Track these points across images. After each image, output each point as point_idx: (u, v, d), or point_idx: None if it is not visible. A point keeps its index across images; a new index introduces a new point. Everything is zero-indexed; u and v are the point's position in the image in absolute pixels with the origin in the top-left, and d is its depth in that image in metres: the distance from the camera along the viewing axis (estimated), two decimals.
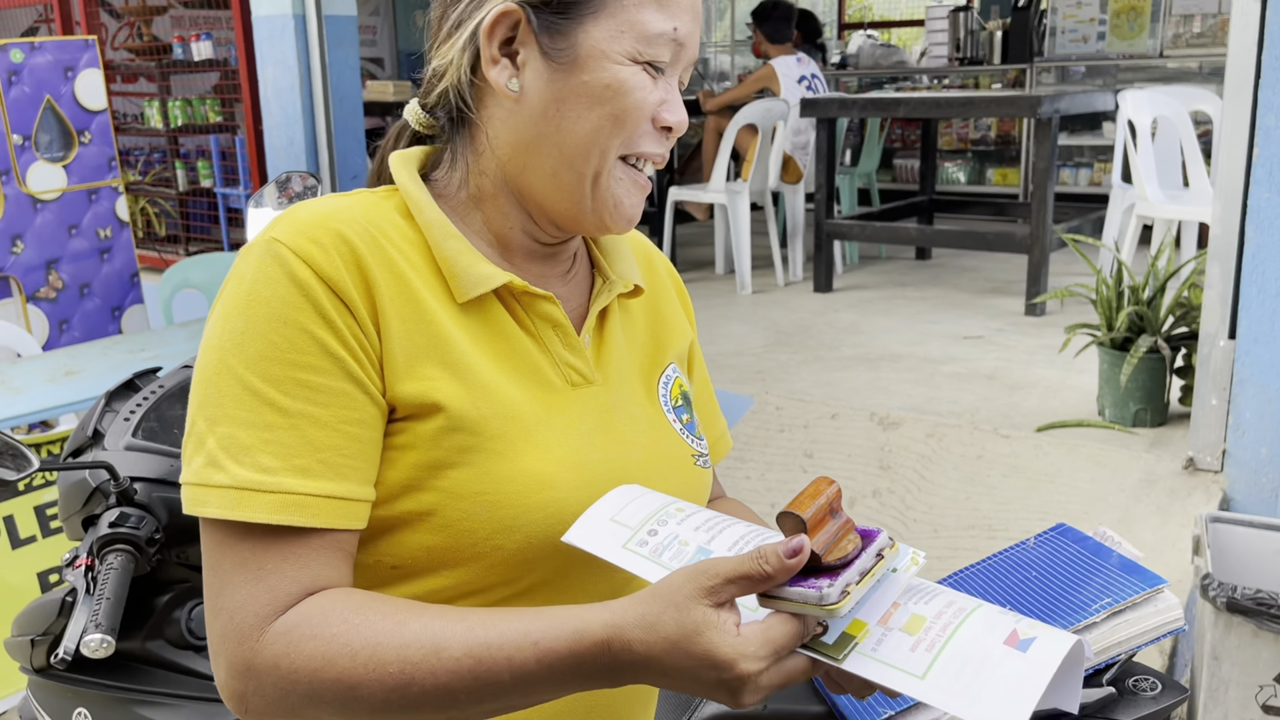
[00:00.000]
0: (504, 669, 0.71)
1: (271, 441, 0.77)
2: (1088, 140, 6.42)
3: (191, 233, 5.61)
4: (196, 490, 0.78)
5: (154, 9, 5.54)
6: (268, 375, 0.77)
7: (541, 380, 0.88)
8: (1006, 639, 0.67)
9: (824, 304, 4.58)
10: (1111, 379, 2.88)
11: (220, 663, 0.77)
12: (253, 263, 0.80)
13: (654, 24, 0.85)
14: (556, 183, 0.87)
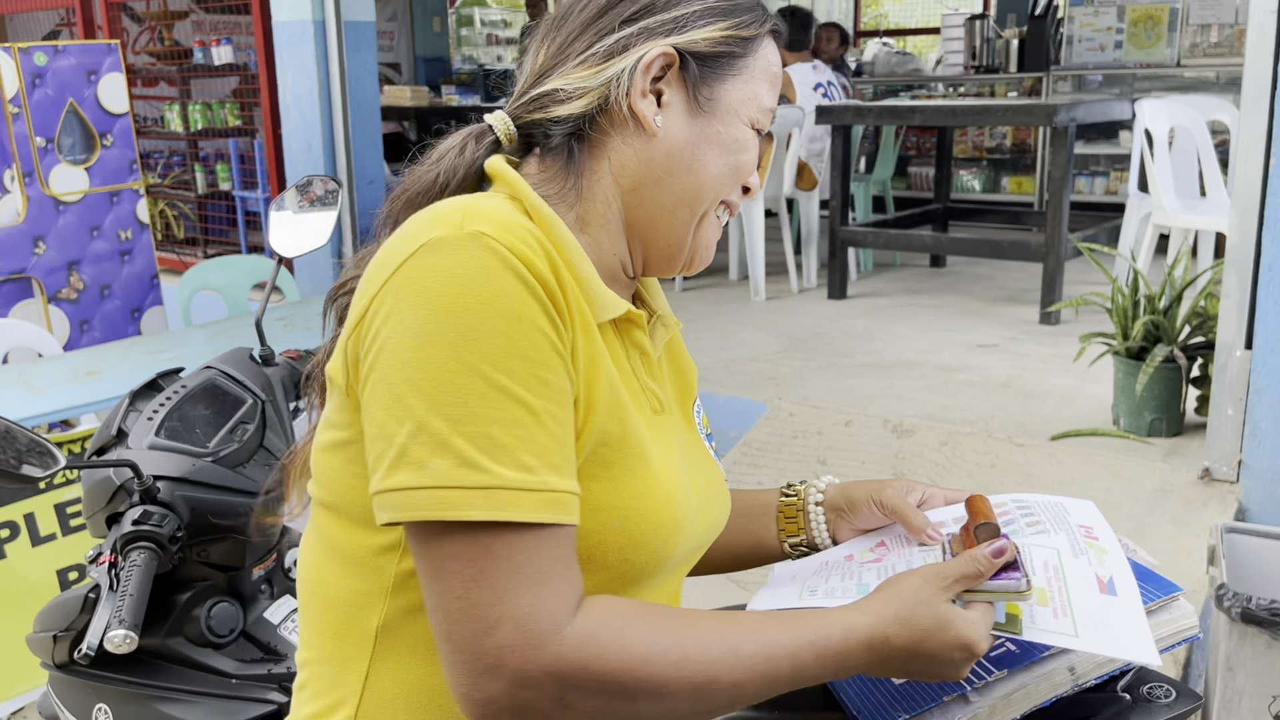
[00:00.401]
0: (786, 666, 0.79)
1: (526, 440, 0.75)
2: (1104, 149, 6.41)
3: (209, 235, 5.65)
4: (448, 493, 0.73)
5: (175, 14, 5.59)
6: (512, 372, 0.75)
7: (641, 405, 0.91)
8: (1102, 589, 0.87)
9: (838, 311, 4.58)
10: (1127, 388, 2.88)
11: (501, 674, 0.73)
12: (464, 256, 0.76)
13: (767, 98, 0.96)
14: (672, 219, 0.93)
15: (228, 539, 1.40)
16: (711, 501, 0.98)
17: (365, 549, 0.86)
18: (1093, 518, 1.06)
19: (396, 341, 0.76)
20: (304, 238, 1.65)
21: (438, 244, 0.77)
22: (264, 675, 1.41)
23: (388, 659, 0.86)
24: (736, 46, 0.93)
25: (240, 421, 1.43)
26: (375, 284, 0.79)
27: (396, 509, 0.75)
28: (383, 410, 0.76)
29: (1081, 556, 0.91)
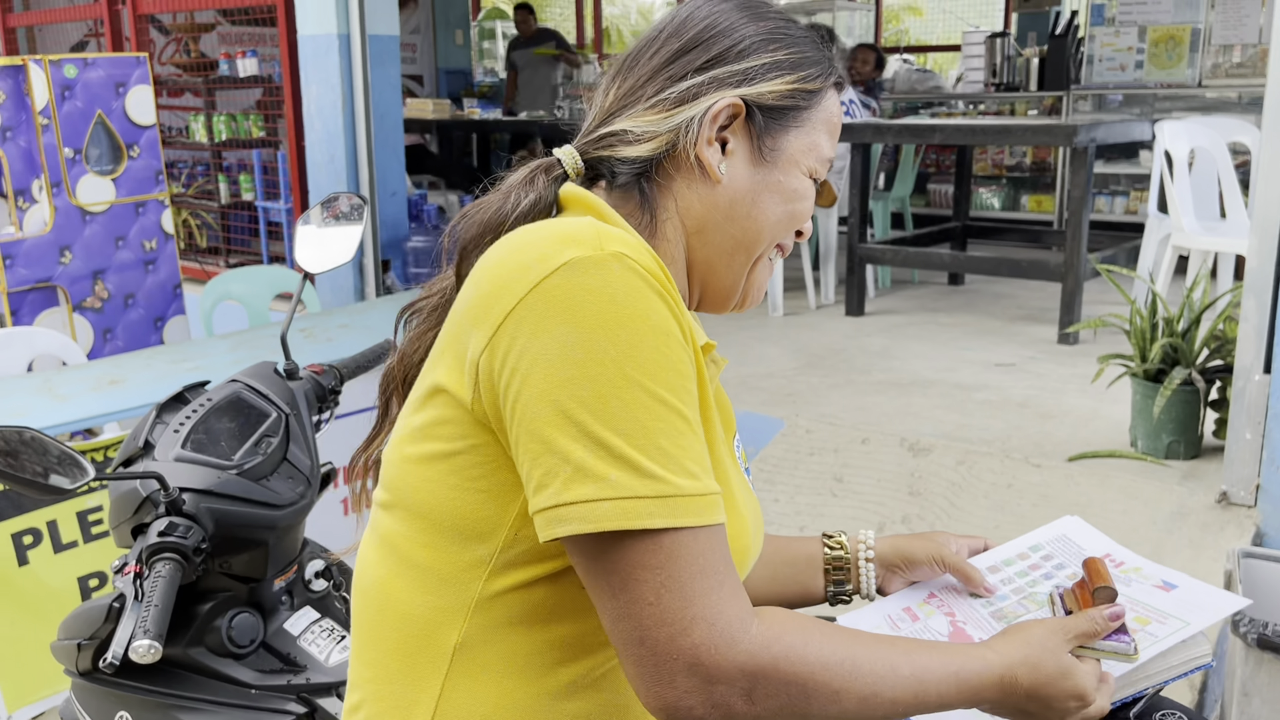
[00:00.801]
0: (934, 691, 0.85)
1: (687, 448, 0.78)
2: (1124, 169, 6.39)
3: (231, 244, 5.71)
4: (631, 504, 0.75)
5: (202, 26, 5.66)
6: (670, 385, 0.78)
7: (716, 434, 0.94)
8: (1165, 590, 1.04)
9: (855, 328, 4.58)
10: (1144, 410, 2.87)
11: (699, 672, 0.76)
12: (611, 276, 0.79)
13: (826, 149, 1.00)
14: (730, 261, 0.98)
15: (250, 551, 1.42)
16: (759, 532, 1.00)
17: (452, 565, 0.86)
18: (1096, 540, 1.12)
19: (551, 359, 0.77)
20: (329, 253, 1.67)
21: (582, 264, 0.79)
22: (283, 686, 1.42)
23: (464, 678, 0.86)
24: (801, 100, 0.97)
25: (265, 435, 1.45)
26: (506, 301, 0.79)
27: (580, 521, 0.76)
28: (550, 427, 0.77)
29: (1133, 585, 1.05)
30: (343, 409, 1.76)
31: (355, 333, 3.03)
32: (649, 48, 0.97)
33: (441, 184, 6.90)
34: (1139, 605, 1.02)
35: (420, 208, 5.01)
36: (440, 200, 5.52)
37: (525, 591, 0.84)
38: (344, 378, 1.66)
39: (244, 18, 5.49)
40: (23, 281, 3.46)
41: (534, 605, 0.84)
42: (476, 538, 0.84)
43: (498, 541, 0.83)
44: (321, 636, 1.49)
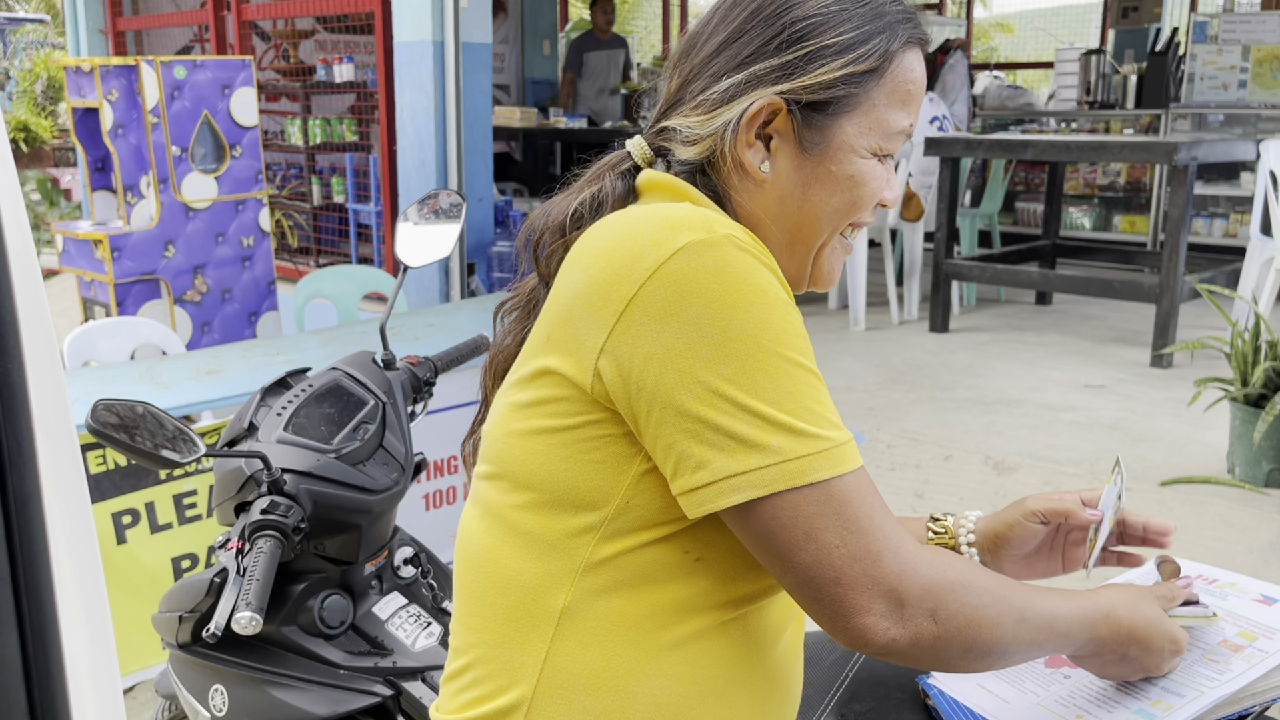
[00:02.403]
0: (1062, 620, 0.90)
1: (825, 402, 0.84)
2: (1224, 190, 6.20)
3: (322, 245, 5.85)
4: (797, 464, 0.81)
5: (301, 33, 5.82)
6: (800, 349, 0.84)
7: None
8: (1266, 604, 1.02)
9: (939, 344, 4.52)
10: (1244, 436, 2.78)
11: (899, 596, 0.82)
12: (729, 257, 0.83)
13: (897, 122, 0.95)
14: (790, 253, 0.97)
15: (344, 534, 1.45)
16: None
17: (559, 532, 0.88)
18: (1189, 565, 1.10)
19: (690, 342, 0.81)
20: (427, 248, 1.71)
21: (698, 247, 0.82)
22: (370, 668, 1.45)
23: (568, 641, 0.89)
24: (852, 84, 0.92)
25: (362, 421, 1.49)
26: (625, 288, 0.83)
27: (754, 488, 0.81)
28: (702, 405, 0.81)
29: (1230, 599, 1.03)
30: (435, 404, 1.79)
31: (441, 332, 3.08)
32: (704, 32, 0.97)
33: (525, 191, 6.99)
34: (1242, 620, 0.99)
35: (505, 214, 5.08)
36: (525, 207, 5.59)
37: (631, 556, 0.87)
38: (439, 370, 1.69)
39: (341, 25, 5.64)
40: (129, 274, 3.59)
41: (638, 570, 0.87)
42: (588, 506, 0.87)
43: (609, 509, 0.87)
44: (409, 622, 1.52)
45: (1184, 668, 0.96)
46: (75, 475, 0.47)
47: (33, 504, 0.43)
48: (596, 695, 0.88)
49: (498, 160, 5.49)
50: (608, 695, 0.88)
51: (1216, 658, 0.96)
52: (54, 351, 0.47)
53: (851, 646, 0.84)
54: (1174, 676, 0.95)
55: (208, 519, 2.57)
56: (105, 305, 3.65)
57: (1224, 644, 0.96)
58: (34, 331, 0.44)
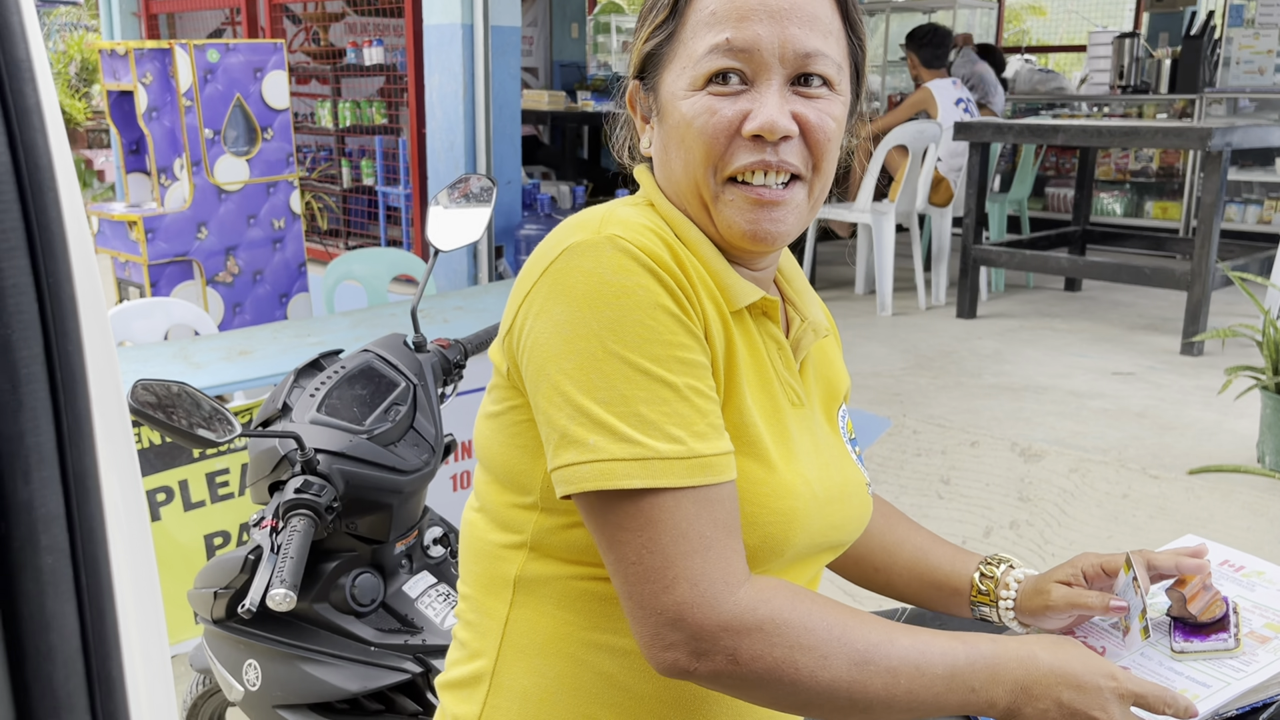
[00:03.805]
0: (939, 660, 0.83)
1: (671, 414, 0.82)
2: (1258, 176, 6.12)
3: (351, 227, 5.89)
4: (608, 465, 0.81)
5: (331, 15, 5.85)
6: (653, 356, 0.83)
7: (776, 395, 0.95)
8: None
9: (967, 330, 4.50)
10: (1274, 425, 2.76)
11: (682, 627, 0.80)
12: (603, 257, 0.85)
13: (704, 43, 0.89)
14: (701, 218, 0.94)
15: (375, 513, 1.48)
16: (846, 500, 0.99)
17: (508, 505, 0.94)
18: (1215, 549, 1.09)
19: (548, 337, 0.85)
20: (458, 232, 1.72)
21: (579, 247, 0.86)
22: (400, 645, 1.48)
23: (524, 608, 0.94)
24: (659, 40, 0.94)
25: (394, 403, 1.51)
26: (525, 286, 0.88)
27: (567, 483, 0.83)
28: (545, 400, 0.85)
29: (1257, 590, 1.02)
30: (465, 386, 1.81)
31: (469, 315, 3.11)
32: None
33: (553, 175, 7.00)
34: (1269, 611, 0.99)
35: (534, 197, 5.10)
36: (552, 191, 5.60)
37: (569, 533, 0.90)
38: (469, 353, 1.71)
39: (370, 7, 5.66)
40: (162, 255, 3.64)
41: (578, 546, 0.90)
42: (523, 488, 0.92)
43: (538, 490, 0.91)
44: (438, 600, 1.55)
45: (1213, 660, 0.96)
46: (128, 452, 0.49)
47: (90, 479, 0.45)
48: (551, 661, 0.92)
49: (526, 144, 5.49)
50: (560, 661, 0.92)
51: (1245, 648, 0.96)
52: (108, 332, 0.49)
53: (654, 668, 0.82)
54: (1200, 666, 0.95)
55: (239, 497, 2.61)
56: (139, 286, 3.71)
57: (1251, 635, 0.97)
58: (90, 312, 0.46)
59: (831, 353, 1.11)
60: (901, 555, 1.17)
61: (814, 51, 0.89)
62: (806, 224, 0.95)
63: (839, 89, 0.92)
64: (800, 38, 0.88)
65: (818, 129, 0.90)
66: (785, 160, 0.89)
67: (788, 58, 0.88)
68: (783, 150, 0.89)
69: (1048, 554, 2.63)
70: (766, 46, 0.87)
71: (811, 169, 0.92)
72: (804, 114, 0.89)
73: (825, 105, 0.90)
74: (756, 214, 0.90)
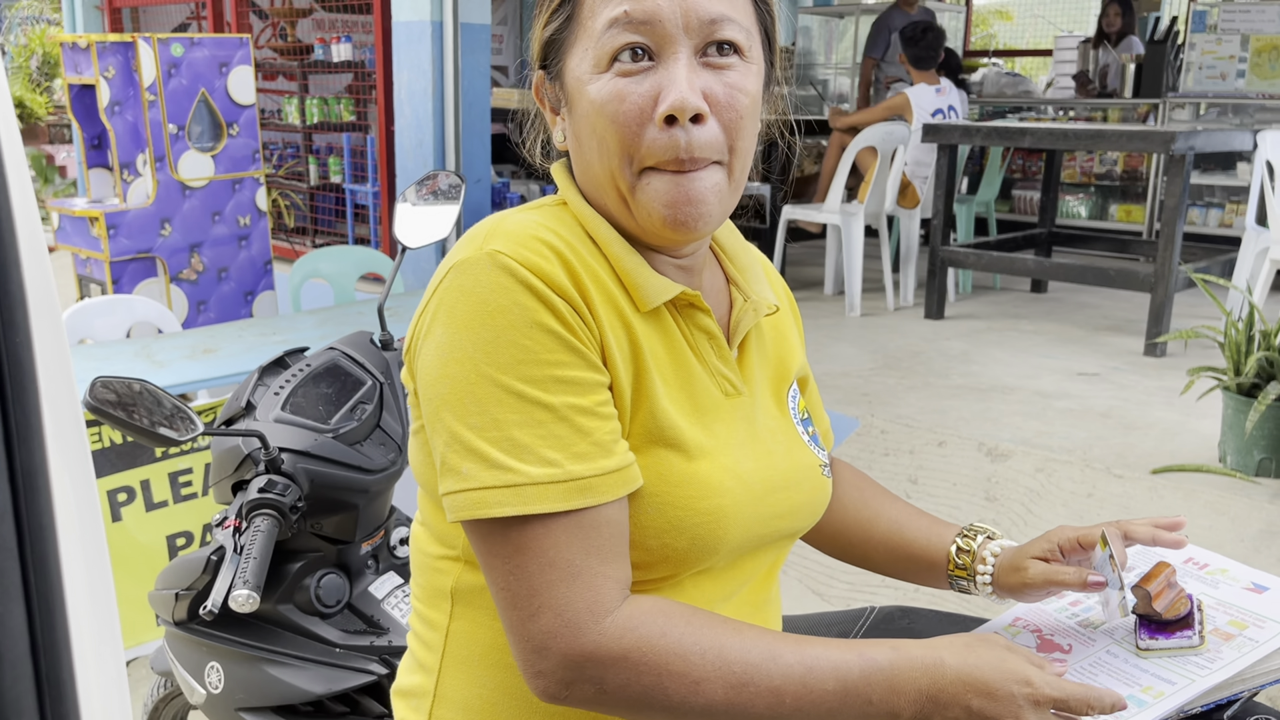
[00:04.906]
0: (831, 677, 0.80)
1: (547, 437, 0.80)
2: (1220, 180, 6.21)
3: (318, 225, 5.84)
4: (480, 494, 0.79)
5: (299, 11, 5.79)
6: (528, 377, 0.80)
7: (704, 389, 0.93)
8: (1256, 591, 1.00)
9: (934, 331, 4.53)
10: (1236, 425, 2.79)
11: (549, 655, 0.79)
12: (481, 275, 0.82)
13: (602, 20, 0.85)
14: (619, 208, 0.90)
15: (341, 513, 1.46)
16: (792, 488, 0.96)
17: (440, 521, 0.94)
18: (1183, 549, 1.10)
19: (430, 361, 0.84)
20: (426, 230, 1.71)
21: (460, 266, 0.84)
22: (366, 647, 1.46)
23: (463, 620, 0.94)
24: (558, 26, 0.90)
25: (360, 401, 1.49)
26: (420, 307, 0.88)
27: (449, 511, 0.83)
28: (429, 426, 0.84)
29: (1220, 587, 1.03)
30: None
31: None
32: None
33: (523, 173, 6.97)
34: (1232, 609, 1.00)
35: (503, 195, 5.08)
36: (522, 189, 5.58)
37: None
38: None
39: (339, 3, 5.62)
40: (125, 251, 3.59)
41: None
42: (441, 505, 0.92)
43: None
44: (404, 601, 1.53)
45: (1177, 657, 0.97)
46: (80, 450, 0.48)
47: (39, 477, 0.43)
48: (491, 671, 0.92)
49: (496, 142, 5.47)
50: (500, 672, 0.92)
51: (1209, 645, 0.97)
52: (59, 327, 0.47)
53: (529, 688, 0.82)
54: (1165, 663, 0.96)
55: (203, 497, 2.57)
56: (101, 283, 3.65)
57: (1215, 632, 0.97)
58: (40, 306, 0.45)
59: (784, 328, 1.07)
60: (877, 529, 1.15)
61: (719, 16, 0.85)
62: (731, 207, 0.92)
63: (750, 56, 0.88)
64: (703, 4, 0.84)
65: (729, 107, 0.86)
66: (700, 154, 0.85)
67: (692, 26, 0.84)
68: (697, 138, 0.85)
69: None
70: (668, 16, 0.84)
71: (728, 150, 0.88)
72: (714, 91, 0.85)
73: (737, 77, 0.86)
74: (676, 201, 0.86)
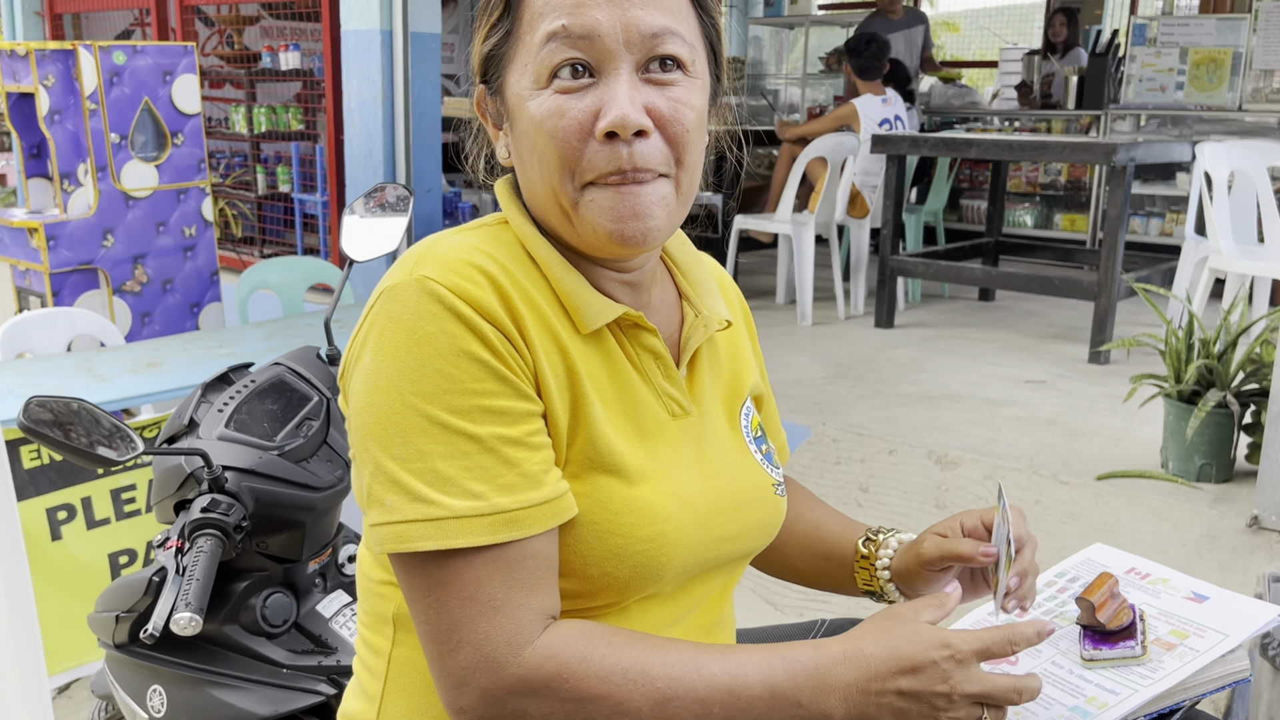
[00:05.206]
0: (757, 682, 0.79)
1: (472, 468, 0.78)
2: (1160, 190, 6.35)
3: (266, 235, 5.77)
4: (402, 528, 0.78)
5: (246, 19, 5.72)
6: (453, 407, 0.78)
7: (648, 412, 0.91)
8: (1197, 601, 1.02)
9: (884, 339, 4.57)
10: (1177, 431, 2.85)
11: (469, 691, 0.77)
12: (409, 302, 0.80)
13: (540, 34, 0.83)
14: (561, 225, 0.88)
15: (287, 531, 1.43)
16: (742, 509, 0.95)
17: None
18: (1120, 559, 1.12)
19: (358, 388, 0.82)
20: (374, 242, 1.69)
21: (390, 292, 0.82)
22: (314, 666, 1.44)
23: (404, 646, 0.92)
24: (497, 40, 0.88)
25: (306, 418, 1.47)
26: (353, 333, 0.86)
27: (375, 543, 0.81)
28: (354, 455, 0.84)
29: (1162, 596, 1.05)
30: None
31: None
32: None
33: (476, 182, 6.93)
34: (1174, 618, 1.02)
35: (454, 205, 5.04)
36: (474, 199, 5.55)
37: None
38: None
39: (287, 11, 5.55)
40: (65, 263, 3.51)
41: None
42: None
43: None
44: (353, 620, 1.51)
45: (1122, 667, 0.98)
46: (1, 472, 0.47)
47: None
48: (433, 698, 0.90)
49: (447, 151, 5.44)
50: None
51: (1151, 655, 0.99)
52: None
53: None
54: (1109, 673, 0.97)
55: (146, 514, 2.52)
56: (40, 295, 3.57)
57: (1157, 642, 0.99)
58: None
59: (739, 343, 1.05)
60: (796, 530, 1.13)
61: (661, 30, 0.83)
62: (679, 221, 0.90)
63: (694, 71, 0.86)
64: (643, 18, 0.82)
65: (673, 122, 0.84)
66: (644, 165, 0.83)
67: (633, 41, 0.82)
68: (639, 153, 0.82)
69: None
70: (608, 31, 0.81)
71: (675, 164, 0.85)
72: (658, 107, 0.83)
73: (681, 93, 0.84)
74: (620, 215, 0.84)
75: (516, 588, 0.79)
